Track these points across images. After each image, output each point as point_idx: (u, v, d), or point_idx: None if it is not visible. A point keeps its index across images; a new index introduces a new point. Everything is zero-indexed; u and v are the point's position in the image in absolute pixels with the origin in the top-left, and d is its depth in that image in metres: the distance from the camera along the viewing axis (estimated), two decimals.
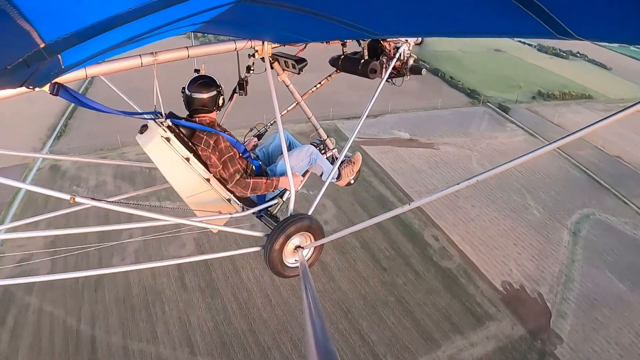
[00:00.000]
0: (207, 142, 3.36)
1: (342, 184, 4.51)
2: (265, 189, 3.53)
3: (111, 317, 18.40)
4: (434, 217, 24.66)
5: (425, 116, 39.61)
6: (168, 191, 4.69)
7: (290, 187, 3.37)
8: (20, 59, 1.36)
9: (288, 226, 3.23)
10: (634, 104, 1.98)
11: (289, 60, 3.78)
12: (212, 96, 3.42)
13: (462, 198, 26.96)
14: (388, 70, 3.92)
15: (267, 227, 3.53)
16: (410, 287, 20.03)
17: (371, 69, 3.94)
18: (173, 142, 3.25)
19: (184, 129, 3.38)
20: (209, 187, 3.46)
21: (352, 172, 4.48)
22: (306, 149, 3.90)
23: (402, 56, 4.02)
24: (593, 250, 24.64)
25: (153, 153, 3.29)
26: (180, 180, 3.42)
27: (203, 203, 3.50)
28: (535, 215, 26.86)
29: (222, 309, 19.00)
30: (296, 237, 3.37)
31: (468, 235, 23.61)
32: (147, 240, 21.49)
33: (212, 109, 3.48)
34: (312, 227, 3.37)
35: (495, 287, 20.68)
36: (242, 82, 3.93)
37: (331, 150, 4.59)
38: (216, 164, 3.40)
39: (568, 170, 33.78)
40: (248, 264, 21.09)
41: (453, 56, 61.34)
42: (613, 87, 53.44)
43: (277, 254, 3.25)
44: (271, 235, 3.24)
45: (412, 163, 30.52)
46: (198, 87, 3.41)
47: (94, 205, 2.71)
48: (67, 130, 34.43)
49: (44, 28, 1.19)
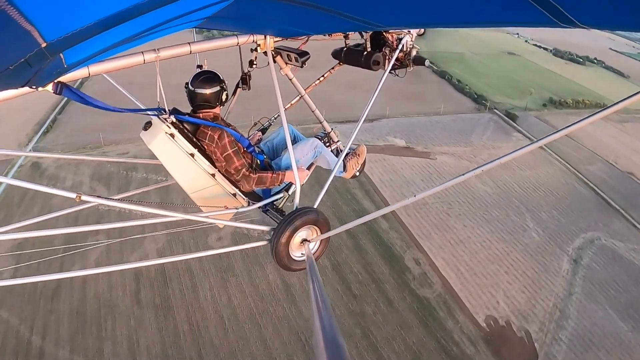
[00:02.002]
0: (212, 137, 3.38)
1: (348, 176, 4.49)
2: (270, 183, 3.55)
3: (62, 329, 17.54)
4: (419, 238, 22.50)
5: (425, 122, 37.23)
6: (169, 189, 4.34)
7: (296, 180, 3.35)
8: (22, 59, 1.39)
9: (294, 219, 3.24)
10: (622, 100, 2.05)
11: (292, 54, 3.79)
12: (215, 91, 3.41)
13: (453, 217, 24.76)
14: (391, 62, 3.88)
15: (273, 221, 3.53)
16: (380, 318, 17.97)
17: (374, 60, 3.92)
18: (177, 138, 3.26)
19: (188, 125, 3.41)
20: (214, 182, 3.48)
21: (357, 164, 4.45)
22: (311, 142, 3.89)
23: (404, 47, 4.00)
24: (594, 282, 22.28)
25: (157, 150, 3.28)
26: (185, 176, 3.42)
27: (209, 198, 3.52)
28: (533, 238, 24.50)
29: (172, 331, 17.66)
30: (302, 231, 3.38)
31: (454, 260, 21.41)
32: (110, 245, 20.64)
33: (216, 104, 3.47)
34: (318, 220, 3.38)
35: (477, 323, 18.52)
36: (245, 77, 3.88)
37: (336, 143, 4.56)
38: (221, 158, 3.41)
39: (575, 187, 31.23)
40: (207, 281, 19.44)
41: (463, 58, 58.74)
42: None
43: (284, 248, 3.29)
44: (277, 229, 3.26)
45: (404, 174, 28.30)
46: (201, 82, 3.39)
47: (99, 203, 2.72)
48: (54, 127, 33.55)
49: (45, 27, 1.22)
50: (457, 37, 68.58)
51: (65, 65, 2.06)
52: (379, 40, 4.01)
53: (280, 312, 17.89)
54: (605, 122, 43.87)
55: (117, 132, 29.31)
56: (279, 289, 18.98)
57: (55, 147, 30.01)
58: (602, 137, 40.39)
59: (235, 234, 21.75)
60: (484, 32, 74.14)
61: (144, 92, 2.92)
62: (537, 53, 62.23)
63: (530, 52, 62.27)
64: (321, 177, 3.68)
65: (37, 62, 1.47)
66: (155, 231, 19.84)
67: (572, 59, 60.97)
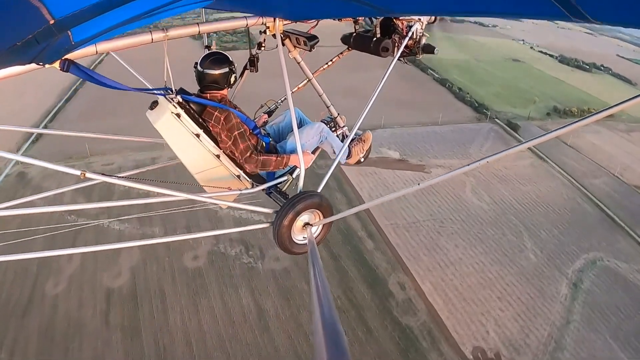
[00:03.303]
0: (218, 118, 3.37)
1: (352, 162, 4.42)
2: (275, 166, 3.52)
3: (30, 348, 17.07)
4: (406, 259, 21.20)
5: (421, 133, 35.94)
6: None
7: (300, 164, 3.33)
8: (30, 36, 1.41)
9: (297, 203, 3.23)
10: (619, 103, 2.04)
11: (301, 37, 3.79)
12: (224, 73, 3.39)
13: (445, 236, 23.44)
14: (400, 49, 3.82)
15: (276, 203, 3.50)
16: (358, 348, 16.68)
17: (383, 47, 3.85)
18: (183, 118, 3.25)
19: (194, 105, 3.39)
20: (219, 164, 3.46)
21: (362, 150, 4.38)
22: (317, 127, 3.85)
23: (414, 35, 3.91)
24: (595, 308, 20.80)
25: (163, 129, 3.29)
26: (190, 156, 3.41)
27: (213, 179, 3.49)
28: (530, 260, 23.07)
29: (138, 355, 16.83)
30: (305, 214, 3.36)
31: (442, 285, 20.07)
32: (84, 264, 19.97)
33: (224, 85, 3.45)
34: (322, 204, 3.36)
35: (463, 355, 17.17)
36: (253, 59, 3.78)
37: (341, 128, 4.54)
38: (226, 140, 3.40)
39: (578, 203, 29.70)
40: (178, 304, 18.44)
41: (466, 65, 57.45)
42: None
43: (286, 230, 3.26)
44: (280, 212, 3.24)
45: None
46: (210, 63, 3.36)
47: (104, 181, 2.78)
48: (43, 135, 33.09)
49: (54, 4, 1.26)
50: (461, 44, 67.38)
51: (72, 43, 2.09)
52: (389, 27, 3.95)
53: (251, 339, 16.81)
54: (611, 132, 42.31)
55: (103, 142, 28.72)
56: (251, 314, 17.89)
57: (42, 156, 29.48)
58: (608, 148, 38.77)
59: (210, 254, 20.80)
60: (489, 38, 72.85)
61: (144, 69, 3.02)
62: (542, 60, 60.66)
63: (536, 59, 60.71)
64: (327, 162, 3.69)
65: (45, 38, 1.50)
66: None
67: (579, 65, 59.30)
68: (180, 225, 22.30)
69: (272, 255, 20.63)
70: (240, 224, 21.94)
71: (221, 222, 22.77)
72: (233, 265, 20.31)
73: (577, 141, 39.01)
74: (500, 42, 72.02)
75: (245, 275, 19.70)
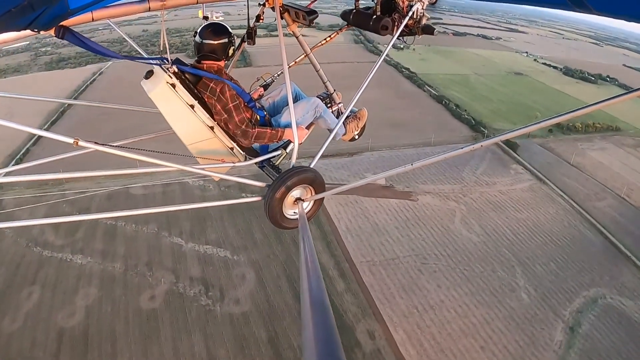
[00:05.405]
0: (213, 90, 3.35)
1: (347, 139, 4.39)
2: (269, 140, 3.50)
3: None
4: (380, 302, 19.28)
5: (412, 155, 34.00)
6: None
7: (294, 139, 3.30)
8: (25, 2, 1.40)
9: (290, 177, 3.21)
10: (612, 97, 1.98)
11: (300, 12, 3.82)
12: (222, 43, 3.36)
13: (427, 274, 21.46)
14: (400, 28, 3.74)
15: (268, 177, 3.50)
16: None
17: (382, 25, 3.80)
18: (178, 89, 3.22)
19: (190, 76, 3.36)
20: (212, 135, 3.43)
21: (357, 127, 4.35)
22: (312, 102, 3.84)
23: (415, 14, 3.82)
24: (594, 356, 18.53)
25: (158, 99, 3.25)
26: (184, 127, 3.37)
27: (206, 151, 3.47)
28: (522, 300, 20.89)
29: None
30: (297, 190, 3.35)
31: (418, 333, 18.07)
32: (42, 301, 19.38)
33: (222, 57, 3.42)
34: (315, 180, 3.36)
35: None
36: (251, 32, 3.85)
37: (337, 105, 4.45)
38: (221, 112, 3.38)
39: (580, 231, 27.42)
40: (128, 349, 17.13)
41: (466, 80, 55.75)
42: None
43: (278, 204, 3.24)
44: (272, 186, 3.23)
45: (376, 220, 25.21)
46: (210, 33, 3.35)
47: (97, 149, 2.69)
48: (25, 159, 31.88)
49: None
50: (462, 58, 65.82)
51: (69, 9, 2.12)
52: (390, 5, 3.87)
53: None
54: (617, 147, 39.92)
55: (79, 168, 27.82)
56: None
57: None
58: (613, 166, 36.33)
59: (168, 293, 19.34)
60: (492, 51, 71.12)
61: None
62: (546, 72, 58.57)
63: (539, 71, 58.64)
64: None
65: (40, 4, 1.52)
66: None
67: (584, 77, 56.96)
68: (142, 262, 21.23)
69: (232, 297, 19.08)
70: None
71: (184, 258, 21.46)
72: (190, 307, 18.77)
73: (581, 160, 36.72)
74: (503, 54, 70.17)
75: (201, 319, 18.12)
